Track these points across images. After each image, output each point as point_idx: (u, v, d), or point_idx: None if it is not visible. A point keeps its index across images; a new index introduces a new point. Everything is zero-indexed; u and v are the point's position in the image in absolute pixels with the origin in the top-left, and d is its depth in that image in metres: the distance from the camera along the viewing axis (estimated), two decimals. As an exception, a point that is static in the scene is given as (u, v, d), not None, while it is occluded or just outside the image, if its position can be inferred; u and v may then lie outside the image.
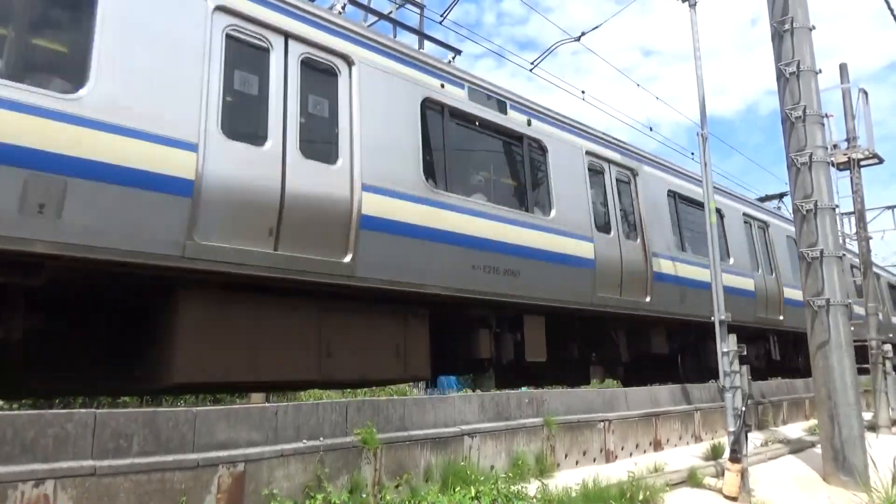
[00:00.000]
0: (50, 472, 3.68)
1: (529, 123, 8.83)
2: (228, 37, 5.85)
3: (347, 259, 6.24)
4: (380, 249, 6.48)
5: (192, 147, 5.30)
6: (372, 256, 6.41)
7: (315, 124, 6.44)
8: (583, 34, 12.27)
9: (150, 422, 4.19)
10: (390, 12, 9.13)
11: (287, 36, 6.30)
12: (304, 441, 4.93)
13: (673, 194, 11.54)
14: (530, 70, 12.34)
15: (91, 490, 3.80)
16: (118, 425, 4.05)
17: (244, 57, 5.97)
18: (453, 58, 8.72)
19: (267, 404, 4.97)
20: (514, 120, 8.61)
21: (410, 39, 8.52)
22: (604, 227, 9.55)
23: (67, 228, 4.57)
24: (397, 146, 6.94)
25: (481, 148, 8.39)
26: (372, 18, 8.71)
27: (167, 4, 5.45)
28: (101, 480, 3.85)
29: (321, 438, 5.04)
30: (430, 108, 7.56)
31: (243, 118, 5.88)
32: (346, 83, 6.68)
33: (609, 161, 10.14)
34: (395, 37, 8.11)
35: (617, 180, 10.22)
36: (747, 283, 13.09)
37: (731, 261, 12.33)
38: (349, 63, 6.74)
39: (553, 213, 8.71)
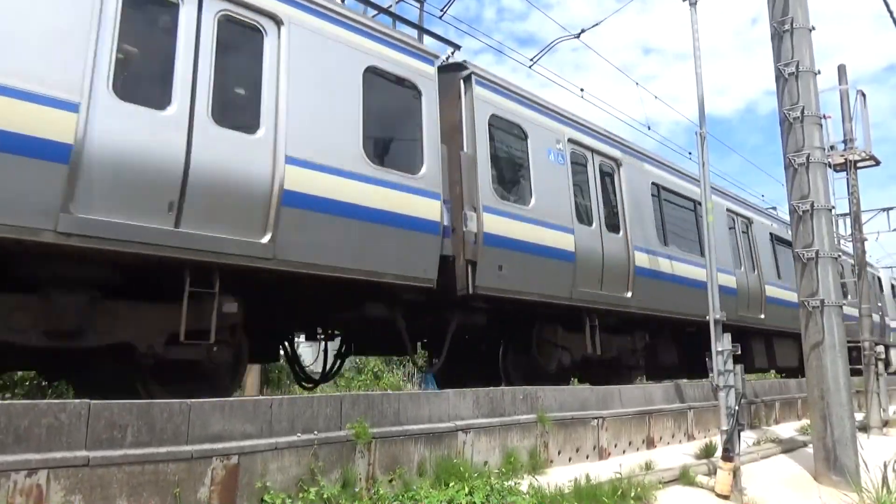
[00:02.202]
0: (43, 462, 3.67)
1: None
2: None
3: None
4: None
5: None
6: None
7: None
8: (582, 31, 12.30)
9: (145, 413, 4.19)
10: (390, 6, 9.08)
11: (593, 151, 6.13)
12: (299, 434, 4.93)
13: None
14: (529, 67, 12.34)
15: (84, 481, 3.80)
16: (112, 416, 4.04)
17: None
18: (452, 53, 8.69)
19: (261, 396, 4.97)
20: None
21: (410, 34, 8.46)
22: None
23: None
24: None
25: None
26: (371, 12, 8.67)
27: None
28: (94, 471, 3.84)
29: (315, 432, 5.04)
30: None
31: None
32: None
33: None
34: (394, 30, 8.07)
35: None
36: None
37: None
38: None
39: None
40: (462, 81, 8.10)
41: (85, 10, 4.89)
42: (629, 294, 9.81)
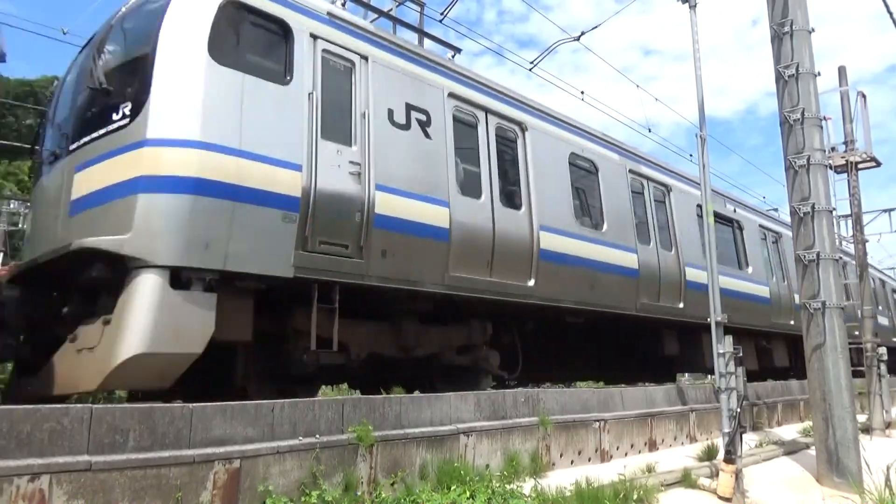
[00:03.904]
0: (45, 467, 3.68)
1: None
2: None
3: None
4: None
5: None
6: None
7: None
8: (582, 34, 12.30)
9: (147, 417, 4.19)
10: (390, 10, 9.11)
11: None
12: (301, 438, 4.94)
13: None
14: (529, 69, 12.35)
15: (86, 485, 3.80)
16: (114, 420, 4.05)
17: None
18: (453, 56, 8.72)
19: (263, 400, 4.97)
20: None
21: (410, 37, 8.48)
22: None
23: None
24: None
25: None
26: (372, 16, 8.69)
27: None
28: (96, 476, 3.85)
29: (317, 435, 5.04)
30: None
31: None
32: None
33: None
34: (394, 33, 8.09)
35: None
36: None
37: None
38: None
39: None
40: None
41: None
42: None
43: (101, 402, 4.77)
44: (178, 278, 5.12)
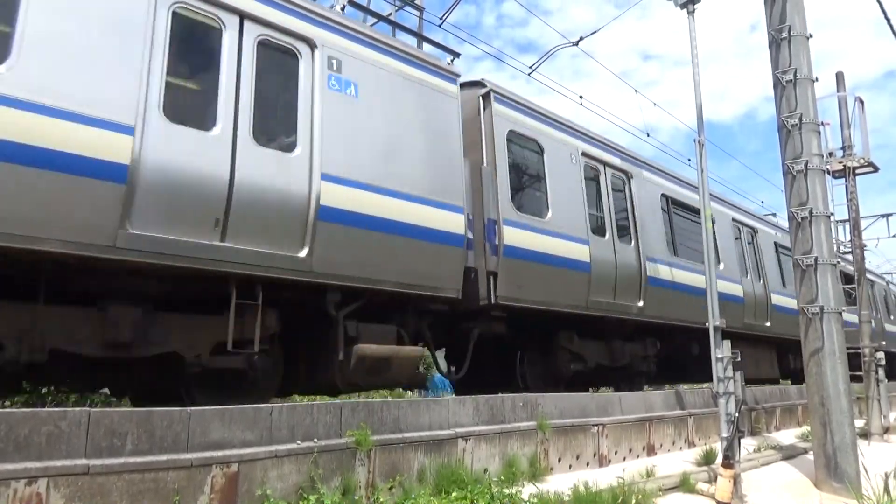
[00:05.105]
0: (43, 471, 3.67)
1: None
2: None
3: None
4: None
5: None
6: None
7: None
8: (581, 39, 12.32)
9: (145, 421, 4.19)
10: (390, 14, 9.13)
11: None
12: (299, 442, 4.93)
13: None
14: (528, 74, 12.37)
15: (84, 489, 3.79)
16: (112, 424, 4.04)
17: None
18: (451, 60, 8.73)
19: (261, 404, 4.97)
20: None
21: (410, 41, 8.51)
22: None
23: None
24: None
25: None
26: (371, 20, 8.72)
27: None
28: (94, 479, 3.84)
29: (315, 439, 5.04)
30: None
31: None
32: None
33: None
34: (394, 38, 8.11)
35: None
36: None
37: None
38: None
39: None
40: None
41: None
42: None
43: (99, 406, 4.77)
44: None
